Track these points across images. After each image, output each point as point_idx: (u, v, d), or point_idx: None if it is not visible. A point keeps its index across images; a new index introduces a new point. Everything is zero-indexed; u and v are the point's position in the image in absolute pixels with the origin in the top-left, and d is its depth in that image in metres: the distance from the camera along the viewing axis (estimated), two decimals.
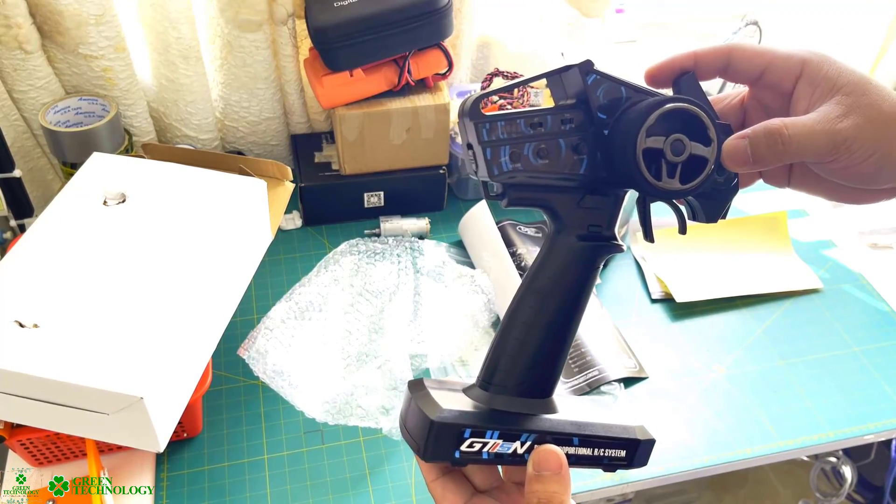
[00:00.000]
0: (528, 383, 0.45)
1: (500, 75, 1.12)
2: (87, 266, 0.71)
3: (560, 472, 0.41)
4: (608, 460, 0.45)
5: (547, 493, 0.41)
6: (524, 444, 0.43)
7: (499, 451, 0.42)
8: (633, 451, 0.45)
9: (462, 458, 0.42)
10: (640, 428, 0.46)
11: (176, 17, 0.95)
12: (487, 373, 0.46)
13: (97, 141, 0.94)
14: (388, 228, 1.07)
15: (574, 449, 0.44)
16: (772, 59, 0.43)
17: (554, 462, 0.41)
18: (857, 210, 1.20)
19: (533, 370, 0.45)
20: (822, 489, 1.44)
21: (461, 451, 0.42)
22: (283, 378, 0.81)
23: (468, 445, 0.42)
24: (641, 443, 0.45)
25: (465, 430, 0.42)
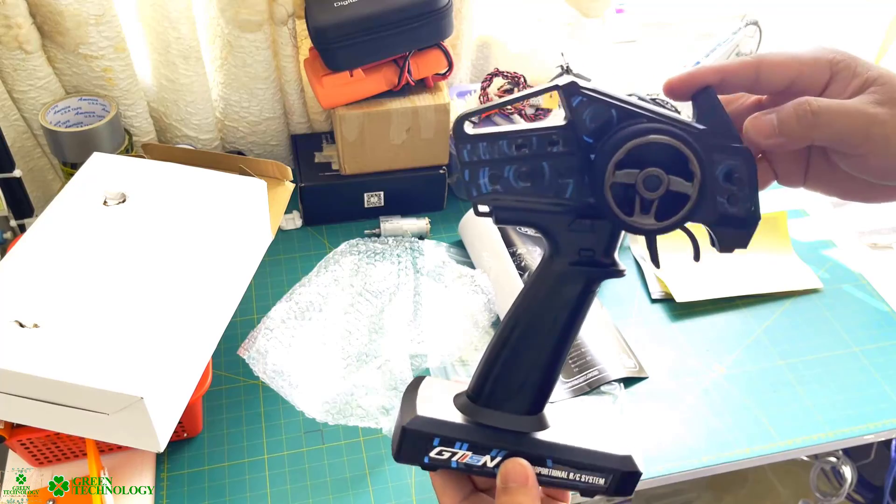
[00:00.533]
0: (513, 401, 0.44)
1: (500, 75, 1.12)
2: (88, 266, 0.71)
3: (527, 484, 0.41)
4: (584, 485, 0.43)
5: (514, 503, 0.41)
6: (494, 459, 0.43)
7: (468, 462, 0.43)
8: (614, 480, 0.43)
9: (431, 463, 0.43)
10: (628, 458, 0.44)
11: (176, 17, 0.95)
12: (476, 385, 0.45)
13: (97, 141, 0.94)
14: (388, 228, 1.07)
15: (548, 470, 0.43)
16: (800, 68, 0.41)
17: (520, 475, 0.42)
18: (858, 210, 1.20)
19: (519, 390, 0.44)
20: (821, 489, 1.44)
21: (430, 457, 0.43)
22: (284, 378, 0.81)
23: (437, 453, 0.43)
24: (623, 473, 0.43)
25: (435, 439, 0.42)
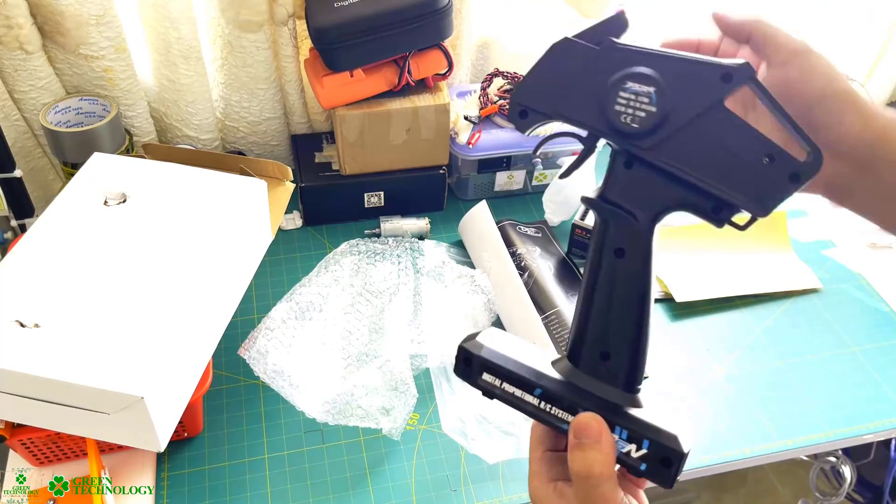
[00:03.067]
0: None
1: (500, 75, 1.12)
2: (88, 266, 0.71)
3: (599, 440, 0.40)
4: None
5: (587, 461, 0.40)
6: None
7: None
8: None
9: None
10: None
11: (177, 17, 0.95)
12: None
13: (98, 141, 0.94)
14: (388, 228, 1.07)
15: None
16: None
17: (593, 430, 0.41)
18: None
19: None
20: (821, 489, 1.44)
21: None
22: (284, 378, 0.81)
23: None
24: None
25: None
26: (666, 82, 0.40)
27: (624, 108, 0.41)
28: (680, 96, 0.40)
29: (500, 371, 0.45)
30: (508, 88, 1.12)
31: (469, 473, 0.81)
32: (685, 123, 0.40)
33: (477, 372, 0.45)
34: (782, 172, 0.39)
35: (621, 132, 0.41)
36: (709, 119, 0.40)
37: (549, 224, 1.11)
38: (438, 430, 0.83)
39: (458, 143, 1.09)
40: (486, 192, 1.15)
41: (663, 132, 0.40)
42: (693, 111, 0.40)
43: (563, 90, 0.43)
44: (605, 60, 0.42)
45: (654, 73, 0.40)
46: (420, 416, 0.86)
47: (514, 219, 1.09)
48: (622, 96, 0.41)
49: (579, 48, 0.42)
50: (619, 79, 0.41)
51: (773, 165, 0.39)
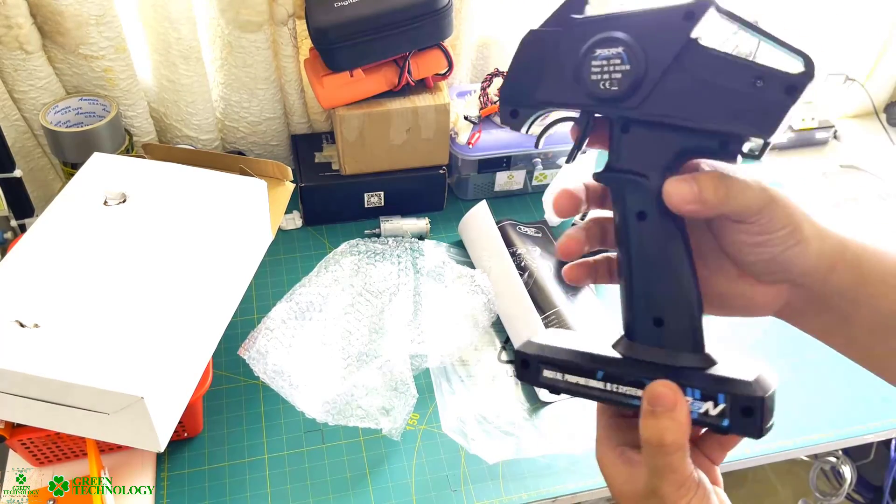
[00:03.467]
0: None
1: (500, 75, 1.12)
2: (88, 266, 0.71)
3: (674, 409, 0.39)
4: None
5: (659, 429, 0.39)
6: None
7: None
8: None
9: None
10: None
11: (177, 17, 0.95)
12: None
13: (98, 141, 0.94)
14: (388, 228, 1.07)
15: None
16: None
17: (667, 398, 0.39)
18: (857, 210, 1.20)
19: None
20: (821, 489, 1.44)
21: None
22: (284, 378, 0.81)
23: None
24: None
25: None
26: (632, 38, 0.40)
27: (600, 75, 0.41)
28: (650, 48, 0.40)
29: (559, 364, 0.44)
30: None
31: (469, 473, 0.81)
32: (664, 72, 0.40)
33: (536, 371, 0.45)
34: (777, 89, 0.39)
35: (605, 99, 0.41)
36: (687, 61, 0.40)
37: (549, 224, 1.11)
38: (438, 430, 0.83)
39: (458, 143, 1.09)
40: (486, 192, 1.15)
41: (646, 86, 0.40)
42: (667, 57, 0.40)
43: (542, 79, 0.43)
44: (570, 38, 0.42)
45: (618, 33, 0.40)
46: (420, 416, 0.86)
47: (514, 219, 1.09)
48: (595, 65, 0.41)
49: (545, 35, 0.43)
50: (587, 49, 0.41)
51: (766, 86, 0.39)
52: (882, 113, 1.39)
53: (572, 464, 0.82)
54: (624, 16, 0.41)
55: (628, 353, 0.44)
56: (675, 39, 0.40)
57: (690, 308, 0.43)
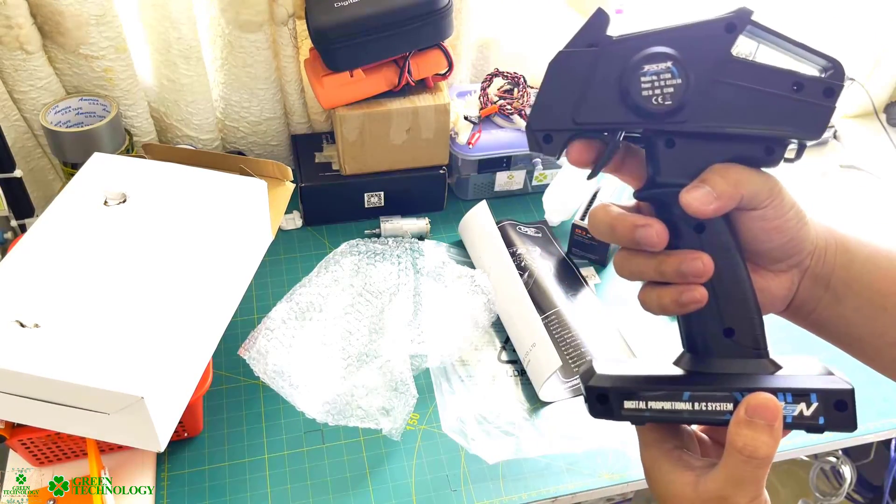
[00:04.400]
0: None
1: (500, 75, 1.12)
2: (88, 266, 0.71)
3: (773, 424, 0.39)
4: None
5: (755, 440, 0.39)
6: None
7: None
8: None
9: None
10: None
11: (177, 17, 0.95)
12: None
13: (98, 141, 0.94)
14: (388, 229, 1.07)
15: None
16: None
17: (770, 412, 0.39)
18: (858, 210, 1.20)
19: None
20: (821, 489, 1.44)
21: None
22: (284, 378, 0.81)
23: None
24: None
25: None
26: (679, 52, 0.40)
27: (651, 91, 0.41)
28: (695, 60, 0.41)
29: (641, 394, 0.43)
30: (508, 88, 1.12)
31: (469, 473, 0.81)
32: (710, 83, 0.41)
33: (618, 405, 0.43)
34: (816, 92, 0.41)
35: (655, 114, 0.41)
36: (728, 71, 0.41)
37: (549, 224, 1.11)
38: (438, 430, 0.83)
39: (458, 143, 1.09)
40: (486, 192, 1.15)
41: (695, 99, 0.41)
42: (713, 69, 0.41)
43: (578, 100, 0.42)
44: (609, 57, 0.41)
45: (665, 48, 0.41)
46: (420, 416, 0.86)
47: (514, 219, 1.09)
48: (644, 81, 0.41)
49: (577, 56, 0.42)
50: (634, 65, 0.41)
51: (804, 90, 0.41)
52: (882, 113, 1.39)
53: (572, 464, 0.82)
54: (665, 31, 0.41)
55: (702, 368, 0.44)
56: (720, 51, 0.41)
57: (756, 314, 0.43)
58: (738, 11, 0.41)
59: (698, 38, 0.41)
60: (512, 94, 1.11)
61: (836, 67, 0.41)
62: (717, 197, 0.40)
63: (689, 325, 0.45)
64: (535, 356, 0.87)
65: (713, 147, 0.42)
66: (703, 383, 0.42)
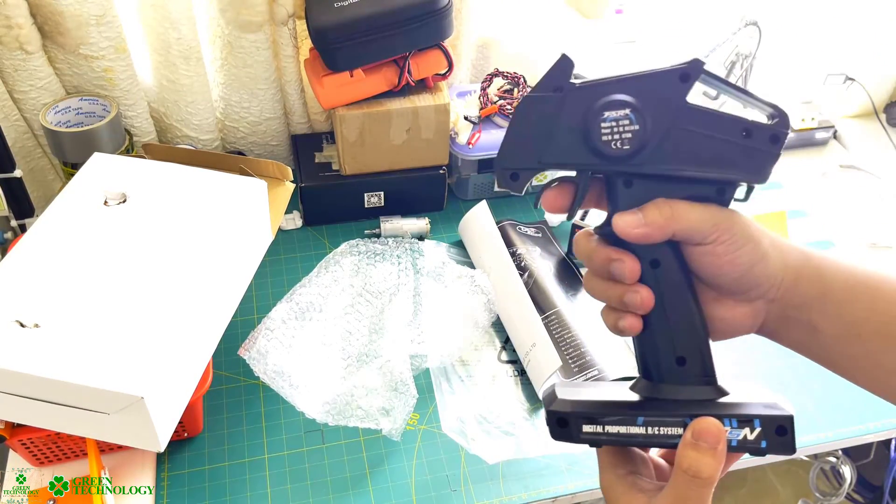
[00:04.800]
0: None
1: (500, 75, 1.12)
2: (88, 266, 0.71)
3: (717, 447, 0.42)
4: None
5: (699, 461, 0.41)
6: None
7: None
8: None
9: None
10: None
11: (177, 17, 0.95)
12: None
13: (98, 141, 0.94)
14: (388, 229, 1.07)
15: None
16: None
17: (713, 435, 0.42)
18: (858, 210, 1.20)
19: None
20: (821, 489, 1.44)
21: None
22: (284, 378, 0.81)
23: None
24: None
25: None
26: (636, 100, 0.43)
27: (611, 136, 0.43)
28: (652, 107, 0.43)
29: (599, 418, 0.45)
30: (508, 88, 1.12)
31: (469, 473, 0.81)
32: (666, 129, 0.43)
33: (577, 428, 0.45)
34: (763, 139, 0.43)
35: (614, 158, 0.43)
36: (683, 118, 0.43)
37: (549, 224, 1.11)
38: (438, 430, 0.84)
39: (458, 143, 1.09)
40: (486, 192, 1.15)
41: (651, 144, 0.43)
42: (668, 116, 0.43)
43: (543, 141, 0.45)
44: (572, 102, 0.44)
45: (624, 96, 0.43)
46: (420, 416, 0.86)
47: (514, 219, 1.09)
48: (605, 126, 0.43)
49: (543, 99, 0.44)
50: (595, 111, 0.43)
51: (753, 137, 0.43)
52: (882, 113, 1.39)
53: (572, 464, 0.82)
54: (624, 79, 0.44)
55: (655, 394, 0.46)
56: (675, 99, 0.43)
57: (705, 344, 0.46)
58: (692, 62, 0.43)
59: (655, 86, 0.43)
60: (512, 94, 1.11)
61: (782, 116, 0.44)
62: (645, 224, 0.43)
63: (644, 354, 0.47)
64: (535, 356, 0.87)
65: (668, 187, 0.44)
66: (656, 409, 0.45)
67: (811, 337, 0.46)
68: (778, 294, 0.45)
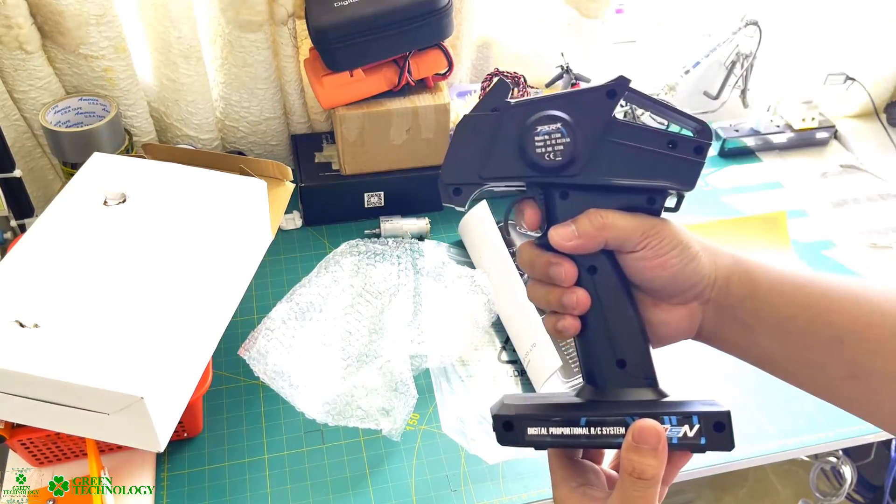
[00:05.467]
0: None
1: (500, 75, 1.12)
2: (88, 266, 0.71)
3: (657, 447, 0.43)
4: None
5: (641, 463, 0.43)
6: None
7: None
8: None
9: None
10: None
11: (177, 16, 0.95)
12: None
13: (98, 141, 0.94)
14: (388, 229, 1.07)
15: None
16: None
17: (652, 435, 0.43)
18: (857, 210, 1.20)
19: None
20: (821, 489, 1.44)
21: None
22: (284, 378, 0.81)
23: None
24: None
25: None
26: (567, 115, 0.46)
27: (544, 148, 0.46)
28: (582, 122, 0.46)
29: (542, 419, 0.47)
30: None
31: (469, 473, 0.81)
32: (597, 142, 0.46)
33: (522, 431, 0.47)
34: (688, 150, 0.47)
35: (549, 169, 0.46)
36: (612, 131, 0.46)
37: None
38: (438, 430, 0.83)
39: None
40: (486, 192, 1.15)
41: (583, 155, 0.46)
42: (597, 129, 0.46)
43: (483, 157, 0.48)
44: (510, 118, 0.47)
45: (555, 111, 0.46)
46: (420, 417, 0.86)
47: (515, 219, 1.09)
48: (538, 139, 0.46)
49: (481, 118, 0.48)
50: (530, 126, 0.46)
51: (678, 148, 0.46)
52: (882, 113, 1.39)
53: None
54: (556, 97, 0.47)
55: (599, 397, 0.48)
56: (602, 114, 0.46)
57: (645, 347, 0.48)
58: (618, 79, 0.46)
59: (585, 102, 0.46)
60: (512, 94, 1.10)
61: (704, 128, 0.47)
62: (578, 236, 0.46)
63: (588, 359, 0.49)
64: (535, 356, 0.87)
65: (601, 198, 0.47)
66: (598, 410, 0.47)
67: (745, 336, 0.48)
68: (711, 294, 0.47)
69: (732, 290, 0.47)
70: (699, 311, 0.48)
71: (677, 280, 0.47)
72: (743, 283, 0.47)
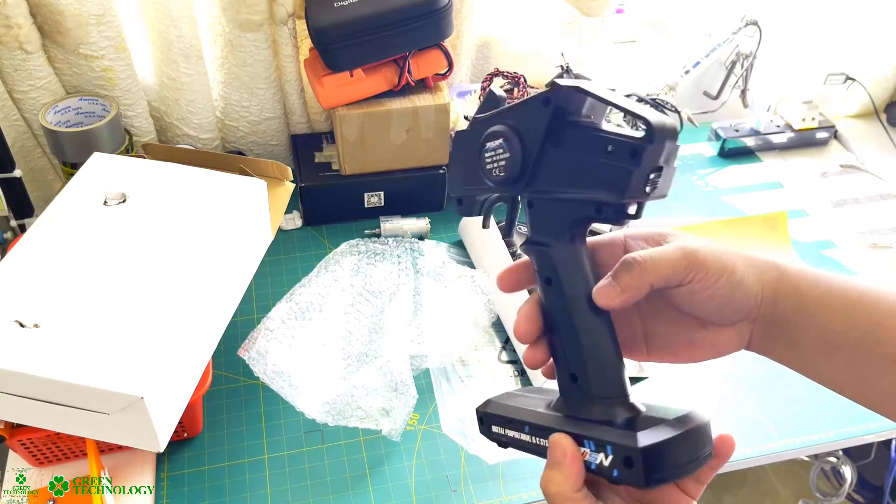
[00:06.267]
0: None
1: (500, 75, 1.12)
2: (88, 266, 0.71)
3: (562, 462, 0.42)
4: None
5: (547, 477, 0.42)
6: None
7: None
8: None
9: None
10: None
11: (177, 15, 0.95)
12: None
13: (98, 141, 0.94)
14: (388, 228, 1.07)
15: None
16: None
17: (557, 450, 0.42)
18: (858, 210, 1.20)
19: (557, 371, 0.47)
20: (821, 489, 1.44)
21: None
22: (284, 378, 0.81)
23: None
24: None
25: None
26: (509, 130, 0.45)
27: (492, 164, 0.46)
28: (522, 134, 0.45)
29: (500, 419, 0.48)
30: (509, 88, 1.12)
31: (469, 473, 0.81)
32: (539, 153, 0.44)
33: (488, 428, 0.49)
34: (623, 155, 0.40)
35: (502, 182, 0.46)
36: (554, 140, 0.44)
37: None
38: (438, 430, 0.83)
39: None
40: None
41: (529, 168, 0.45)
42: (536, 140, 0.44)
43: (465, 171, 0.49)
44: (473, 135, 0.48)
45: (498, 127, 0.46)
46: (420, 417, 0.86)
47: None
48: (486, 156, 0.47)
49: (464, 133, 0.49)
50: (480, 143, 0.47)
51: (615, 154, 0.41)
52: (882, 113, 1.39)
53: None
54: (505, 111, 0.46)
55: (556, 409, 0.47)
56: (540, 123, 0.44)
57: (602, 362, 0.45)
58: (551, 86, 0.44)
59: (524, 114, 0.45)
60: (512, 94, 1.10)
61: (648, 128, 0.39)
62: (622, 290, 0.43)
63: (556, 370, 0.48)
64: None
65: (559, 208, 0.45)
66: (540, 420, 0.46)
67: (792, 351, 0.46)
68: (759, 313, 0.46)
69: (779, 306, 0.45)
70: (747, 330, 0.47)
71: (727, 308, 0.45)
72: (789, 296, 0.45)
